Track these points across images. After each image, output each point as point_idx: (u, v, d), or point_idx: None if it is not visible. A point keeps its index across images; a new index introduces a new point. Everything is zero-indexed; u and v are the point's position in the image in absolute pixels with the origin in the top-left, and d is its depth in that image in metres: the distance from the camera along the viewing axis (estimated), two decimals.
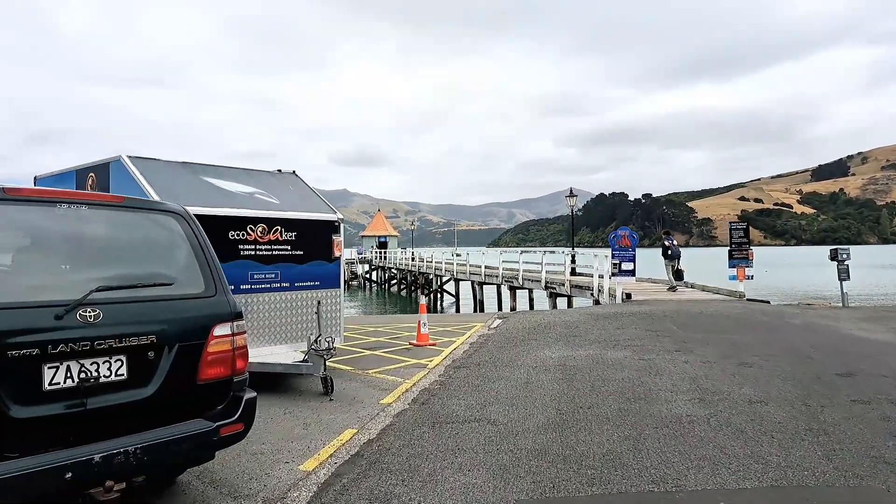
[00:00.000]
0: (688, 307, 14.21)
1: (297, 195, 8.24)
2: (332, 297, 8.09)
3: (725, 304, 14.95)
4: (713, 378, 6.79)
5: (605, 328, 11.27)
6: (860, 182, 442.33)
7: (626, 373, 7.21)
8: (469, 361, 8.67)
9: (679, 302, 15.72)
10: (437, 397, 6.63)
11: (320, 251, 7.95)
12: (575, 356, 8.55)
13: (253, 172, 8.26)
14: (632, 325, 11.57)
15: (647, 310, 13.78)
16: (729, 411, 5.41)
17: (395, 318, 16.14)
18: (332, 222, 8.08)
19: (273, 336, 7.46)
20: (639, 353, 8.50)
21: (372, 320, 15.03)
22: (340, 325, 8.22)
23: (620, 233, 16.98)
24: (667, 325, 11.31)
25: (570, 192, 29.50)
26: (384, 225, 71.22)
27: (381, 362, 8.85)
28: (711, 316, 12.56)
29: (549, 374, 7.42)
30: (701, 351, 8.56)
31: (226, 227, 7.00)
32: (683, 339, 9.57)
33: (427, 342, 10.39)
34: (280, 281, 7.51)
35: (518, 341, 10.26)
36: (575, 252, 26.55)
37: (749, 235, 17.41)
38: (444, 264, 40.05)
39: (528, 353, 9.08)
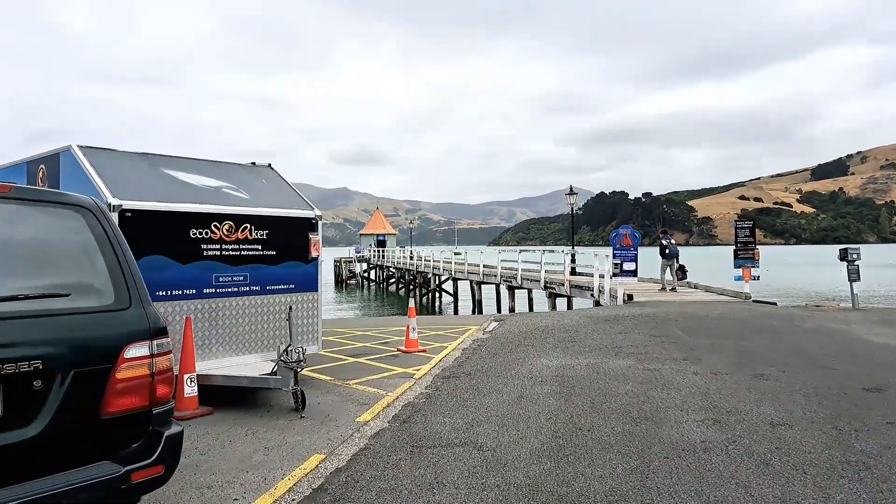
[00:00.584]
0: (692, 309, 13.53)
1: (270, 190, 7.56)
2: (309, 301, 7.41)
3: (731, 307, 14.28)
4: (727, 393, 6.11)
5: (606, 333, 10.60)
6: (859, 181, 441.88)
7: (630, 386, 6.53)
8: (459, 371, 7.99)
9: (683, 304, 15.05)
10: (420, 414, 5.96)
11: (296, 251, 7.28)
12: (574, 365, 7.88)
13: (222, 165, 7.58)
14: (634, 329, 10.90)
15: (650, 312, 13.10)
16: (749, 436, 4.73)
17: (388, 321, 15.48)
18: (308, 220, 7.40)
19: (241, 345, 6.78)
20: (643, 362, 7.82)
21: (363, 323, 14.36)
22: (318, 333, 7.54)
23: (622, 231, 16.29)
24: (671, 330, 10.63)
25: (570, 190, 28.82)
26: (382, 223, 70.50)
27: (364, 371, 8.18)
28: (718, 319, 11.89)
29: (546, 387, 6.75)
30: (710, 359, 7.88)
31: (187, 225, 6.32)
32: (690, 346, 8.90)
33: (416, 348, 9.72)
34: (249, 284, 6.83)
35: (514, 347, 9.59)
36: (575, 251, 25.88)
37: (755, 234, 16.73)
38: (441, 263, 39.36)
39: (523, 361, 8.41)
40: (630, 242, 16.16)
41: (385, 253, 57.21)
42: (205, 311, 6.44)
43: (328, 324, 13.90)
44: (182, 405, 5.93)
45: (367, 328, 12.85)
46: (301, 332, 7.33)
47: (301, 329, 7.33)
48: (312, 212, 7.47)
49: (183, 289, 6.26)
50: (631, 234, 16.25)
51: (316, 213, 7.50)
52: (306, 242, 7.36)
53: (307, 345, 7.40)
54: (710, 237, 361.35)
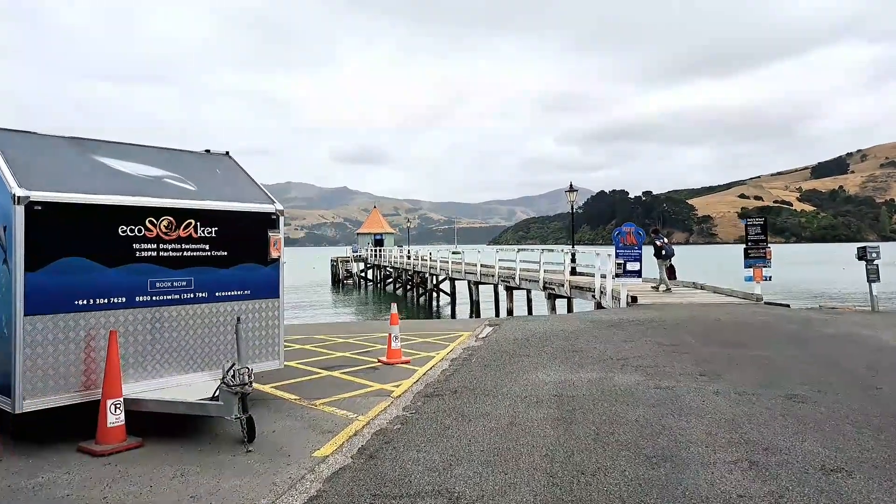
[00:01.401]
0: (702, 313, 12.54)
1: (224, 181, 6.55)
2: (268, 309, 6.41)
3: (743, 309, 13.28)
4: (759, 422, 5.11)
5: (610, 340, 9.61)
6: (859, 180, 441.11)
7: (642, 411, 5.53)
8: (444, 387, 7.00)
9: (691, 307, 14.06)
10: (391, 446, 4.97)
11: (252, 252, 6.28)
12: (575, 381, 6.88)
13: (168, 152, 6.57)
14: (641, 336, 9.90)
15: (657, 316, 12.11)
16: (799, 488, 3.73)
17: (376, 326, 14.49)
18: (268, 215, 6.40)
19: (184, 362, 5.78)
20: (654, 378, 6.82)
21: (346, 328, 13.36)
22: (279, 346, 6.54)
23: (625, 229, 15.29)
24: (683, 337, 9.64)
25: (570, 187, 27.82)
26: (380, 222, 69.49)
27: (336, 387, 7.18)
28: (732, 324, 10.89)
29: (542, 410, 5.76)
30: (731, 375, 6.88)
31: (115, 221, 5.32)
32: (706, 357, 7.90)
33: (399, 359, 8.72)
34: (194, 290, 5.83)
35: (507, 358, 8.60)
36: (575, 250, 24.88)
37: (767, 232, 15.73)
38: (438, 263, 38.38)
39: (517, 375, 7.41)
40: (634, 241, 15.17)
41: (382, 252, 56.26)
42: (137, 324, 5.44)
43: (308, 329, 12.90)
44: (103, 437, 4.94)
45: (349, 334, 11.85)
46: (258, 346, 6.33)
47: (258, 342, 6.33)
48: (272, 206, 6.46)
49: (109, 297, 5.26)
50: (635, 233, 15.26)
51: (277, 208, 6.49)
52: (265, 241, 6.35)
53: (266, 360, 6.42)
54: (710, 236, 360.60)
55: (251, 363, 6.22)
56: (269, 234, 6.39)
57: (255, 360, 6.29)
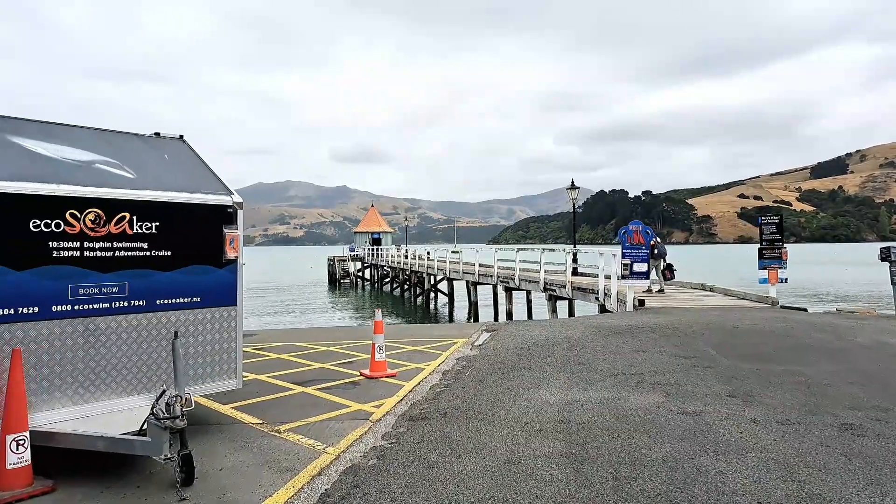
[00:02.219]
0: (717, 318, 11.57)
1: (172, 168, 5.57)
2: (223, 319, 5.43)
3: (760, 314, 12.32)
4: (818, 464, 4.13)
5: (619, 350, 8.64)
6: (859, 180, 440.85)
7: (668, 446, 4.56)
8: (432, 408, 6.03)
9: (704, 311, 13.09)
10: (361, 492, 4.01)
11: (204, 251, 5.30)
12: (583, 403, 5.91)
13: (105, 134, 5.59)
14: (654, 345, 8.94)
15: (669, 322, 11.14)
16: None
17: (364, 332, 13.50)
18: (223, 209, 5.43)
19: (116, 385, 4.81)
20: (677, 400, 5.85)
21: (331, 335, 12.38)
22: (237, 362, 5.56)
23: (632, 228, 14.32)
24: (700, 347, 8.67)
25: (572, 185, 26.85)
26: (378, 221, 68.46)
27: (307, 408, 6.21)
28: (752, 332, 9.92)
29: (546, 443, 4.79)
30: (768, 397, 5.90)
31: (25, 214, 4.34)
32: (732, 373, 6.93)
33: (383, 373, 7.75)
34: (129, 297, 4.85)
35: (506, 371, 7.63)
36: (577, 250, 23.92)
37: (782, 231, 14.77)
38: (436, 263, 37.41)
39: (516, 393, 6.45)
40: (642, 240, 14.20)
41: (380, 252, 55.30)
42: (55, 339, 4.47)
43: (289, 336, 11.91)
44: (3, 482, 3.97)
45: (334, 342, 10.87)
46: (211, 364, 5.36)
47: (211, 359, 5.35)
48: (229, 197, 5.49)
49: (17, 306, 4.29)
50: (643, 231, 14.29)
51: (234, 200, 5.51)
52: (219, 239, 5.38)
53: (221, 379, 5.44)
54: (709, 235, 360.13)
55: (203, 383, 5.27)
56: (225, 230, 5.41)
57: (206, 379, 5.33)
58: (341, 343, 10.63)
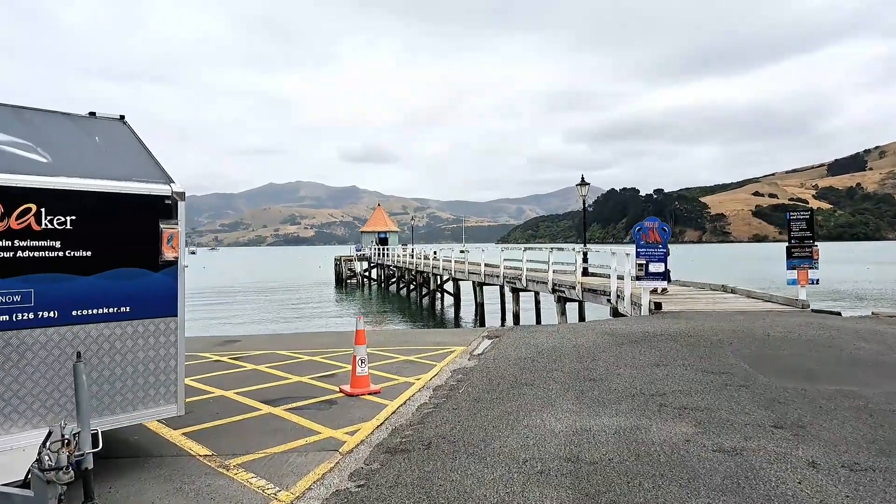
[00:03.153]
0: (744, 324, 10.51)
1: (102, 152, 4.66)
2: (159, 333, 4.51)
3: (792, 320, 11.23)
4: None
5: (636, 363, 7.63)
6: (878, 177, 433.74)
7: (705, 501, 3.57)
8: (415, 437, 5.09)
9: (728, 315, 12.03)
10: None
11: (133, 251, 4.38)
12: (595, 433, 4.93)
13: (26, 113, 4.68)
14: (676, 357, 7.92)
15: (690, 328, 10.11)
16: None
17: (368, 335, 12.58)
18: (159, 200, 4.50)
19: (18, 415, 3.90)
20: (710, 432, 4.85)
21: (319, 342, 11.47)
22: (177, 384, 4.63)
23: (647, 224, 13.26)
24: (730, 360, 7.64)
25: (582, 181, 25.77)
26: (384, 220, 67.63)
27: (269, 436, 5.28)
28: (787, 341, 8.86)
29: (549, 492, 3.82)
30: (824, 429, 4.87)
31: None
32: (774, 395, 5.90)
33: (365, 389, 6.81)
34: (35, 308, 3.95)
35: (505, 387, 6.66)
36: (587, 249, 22.86)
37: (813, 227, 13.64)
38: (441, 262, 36.48)
39: (516, 418, 5.48)
40: (658, 238, 13.14)
41: (386, 251, 54.50)
42: None
43: (273, 343, 10.98)
44: None
45: (320, 350, 9.96)
46: (143, 387, 4.44)
47: (143, 381, 4.43)
48: (167, 187, 4.56)
49: None
50: (659, 228, 13.23)
51: (175, 190, 4.59)
52: (154, 236, 4.46)
53: (156, 405, 4.52)
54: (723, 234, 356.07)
55: (132, 411, 4.35)
56: (162, 226, 4.49)
57: (137, 405, 4.41)
58: (328, 352, 9.71)
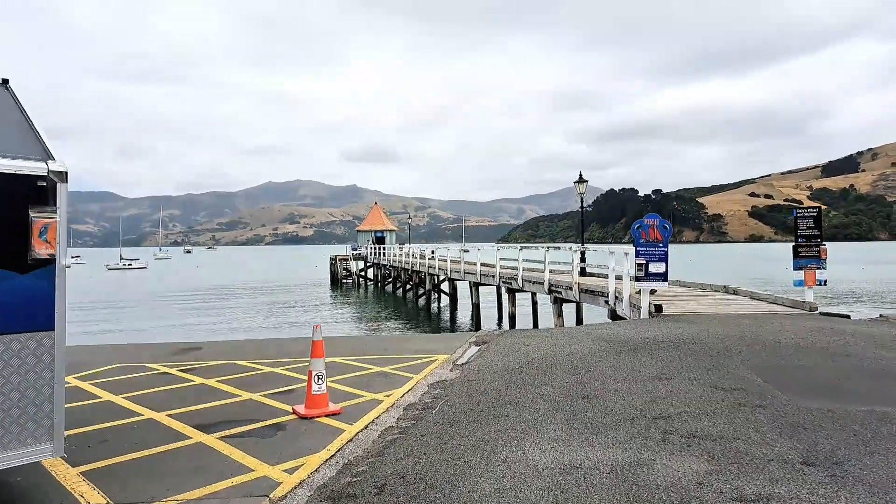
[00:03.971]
0: (751, 328, 9.58)
1: None
2: (28, 352, 3.55)
3: (801, 324, 10.31)
4: None
5: (636, 376, 6.69)
6: (870, 178, 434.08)
7: None
8: (370, 476, 4.14)
9: (733, 318, 11.09)
10: None
11: None
12: (586, 471, 3.99)
13: None
14: (680, 368, 6.98)
15: (693, 333, 9.18)
16: None
17: (333, 344, 11.63)
18: (28, 180, 3.54)
19: None
20: (727, 471, 3.90)
21: (287, 350, 10.50)
22: (54, 418, 3.67)
23: (647, 222, 12.33)
24: (740, 372, 6.70)
25: (580, 178, 24.85)
26: (381, 219, 66.60)
27: (187, 475, 4.32)
28: (801, 350, 7.93)
29: None
30: (866, 467, 3.93)
31: None
32: (797, 419, 4.95)
33: (323, 410, 5.85)
34: None
35: (485, 407, 5.72)
36: (585, 248, 21.93)
37: (821, 225, 12.72)
38: (437, 262, 35.54)
39: (493, 448, 4.53)
40: (659, 236, 12.21)
41: (383, 251, 53.53)
42: None
43: (237, 350, 9.95)
44: None
45: (285, 360, 9.00)
46: (4, 423, 3.47)
47: (5, 415, 3.47)
48: (42, 164, 3.60)
49: None
50: (660, 226, 12.30)
51: (53, 168, 3.63)
52: (20, 227, 3.50)
53: (22, 447, 3.56)
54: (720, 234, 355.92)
55: None
56: (33, 214, 3.53)
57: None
58: (296, 362, 8.75)
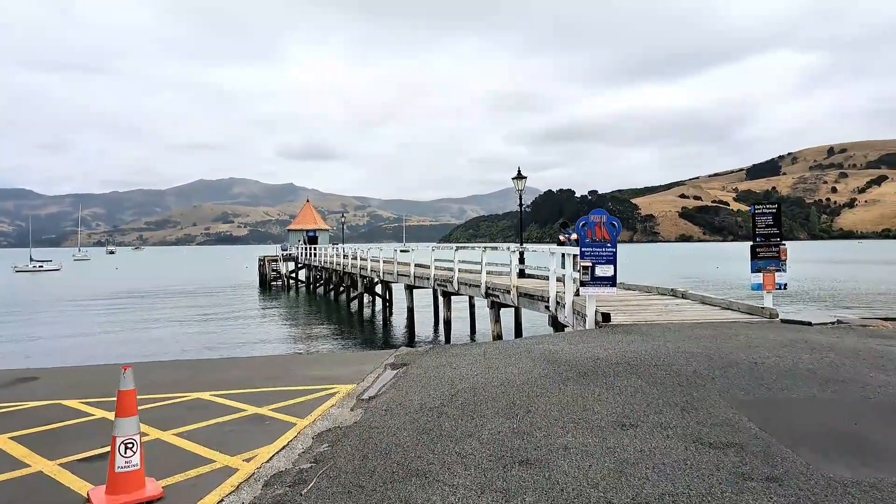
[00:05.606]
0: (714, 344, 8.20)
1: None
2: None
3: (767, 335, 9.05)
4: None
5: (590, 422, 5.03)
6: (790, 181, 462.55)
7: None
8: None
9: (689, 329, 9.74)
10: None
11: None
12: None
13: None
14: (647, 407, 5.38)
15: (651, 351, 7.69)
16: None
17: (229, 367, 9.48)
18: None
19: None
20: None
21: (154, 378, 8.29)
22: None
23: (594, 219, 10.80)
24: (725, 412, 5.16)
25: (518, 173, 23.45)
26: (314, 217, 63.58)
27: None
28: (784, 374, 6.53)
29: None
30: None
31: None
32: (816, 495, 3.40)
33: (134, 496, 3.85)
34: None
35: (381, 481, 3.89)
36: (524, 248, 20.51)
37: (780, 224, 11.63)
38: (369, 263, 33.44)
39: None
40: (606, 235, 10.73)
41: (315, 251, 50.81)
42: None
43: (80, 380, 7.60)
44: None
45: (145, 396, 6.83)
46: None
47: None
48: None
49: None
50: (607, 224, 10.82)
51: None
52: None
53: None
54: (652, 234, 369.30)
55: None
56: None
57: None
58: (151, 401, 6.61)
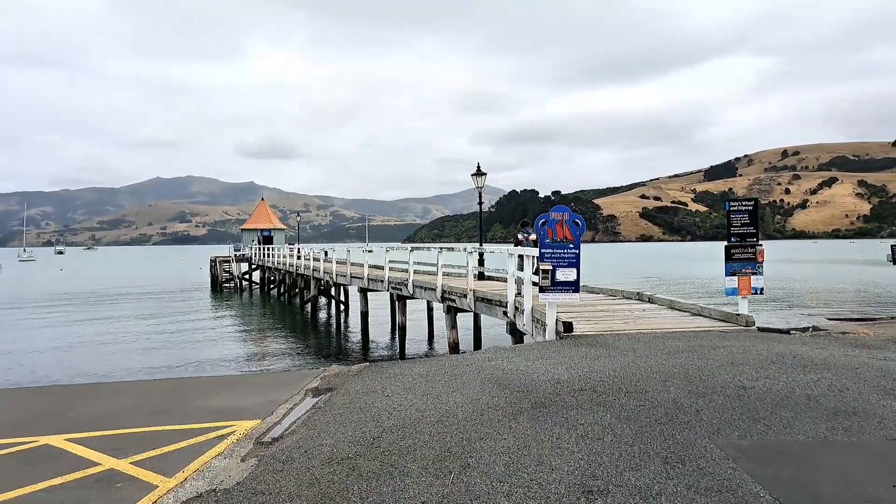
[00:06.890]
0: (693, 361, 7.07)
1: None
2: None
3: (747, 347, 7.98)
4: None
5: (543, 478, 3.74)
6: (747, 182, 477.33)
7: None
8: None
9: (660, 341, 8.61)
10: None
11: None
12: None
13: None
14: (618, 458, 4.13)
15: (620, 371, 6.49)
16: None
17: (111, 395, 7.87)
18: None
19: None
20: None
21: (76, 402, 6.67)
22: None
23: (555, 216, 9.60)
24: (720, 469, 3.95)
25: (478, 170, 22.23)
26: (268, 216, 61.20)
27: None
28: (780, 402, 5.40)
29: None
30: None
31: None
32: None
33: None
34: None
35: None
36: (483, 250, 19.30)
37: (757, 223, 10.67)
38: (322, 264, 31.82)
39: None
40: (569, 235, 9.53)
41: (269, 251, 48.72)
42: None
43: None
44: None
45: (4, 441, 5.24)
46: None
47: None
48: None
49: None
50: (570, 221, 9.62)
51: None
52: None
53: None
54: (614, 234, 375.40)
55: None
56: None
57: None
58: (7, 445, 5.02)
